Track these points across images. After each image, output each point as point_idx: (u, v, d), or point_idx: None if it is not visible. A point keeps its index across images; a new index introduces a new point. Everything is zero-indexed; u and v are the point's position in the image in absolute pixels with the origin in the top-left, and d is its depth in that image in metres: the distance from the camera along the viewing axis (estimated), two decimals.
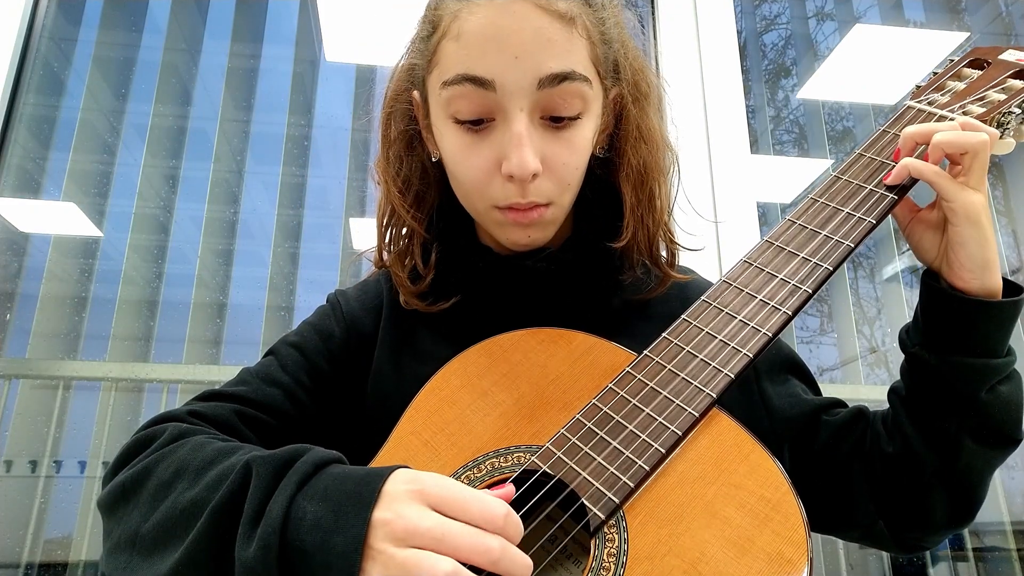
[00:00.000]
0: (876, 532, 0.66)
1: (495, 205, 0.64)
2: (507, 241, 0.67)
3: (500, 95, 0.59)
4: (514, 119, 0.59)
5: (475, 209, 0.67)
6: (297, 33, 1.98)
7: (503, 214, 0.64)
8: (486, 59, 0.58)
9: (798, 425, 0.69)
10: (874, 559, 1.76)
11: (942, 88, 0.69)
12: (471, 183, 0.64)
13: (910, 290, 1.98)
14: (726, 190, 1.61)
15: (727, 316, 0.57)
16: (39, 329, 1.64)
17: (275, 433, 0.63)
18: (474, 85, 0.59)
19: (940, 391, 0.60)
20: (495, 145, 0.61)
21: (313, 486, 0.45)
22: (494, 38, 0.58)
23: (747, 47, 2.12)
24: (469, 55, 0.59)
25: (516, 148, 0.59)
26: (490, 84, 0.59)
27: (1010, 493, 1.82)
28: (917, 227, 0.64)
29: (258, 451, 0.49)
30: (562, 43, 0.59)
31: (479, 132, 0.62)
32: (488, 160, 0.61)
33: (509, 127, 0.60)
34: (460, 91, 0.60)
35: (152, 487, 0.51)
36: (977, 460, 0.61)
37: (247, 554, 0.43)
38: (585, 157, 0.65)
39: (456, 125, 0.62)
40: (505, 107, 0.59)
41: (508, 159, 0.60)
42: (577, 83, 0.60)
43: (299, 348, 0.69)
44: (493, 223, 0.66)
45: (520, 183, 0.61)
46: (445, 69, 0.61)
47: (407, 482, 0.44)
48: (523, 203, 0.62)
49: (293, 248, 1.83)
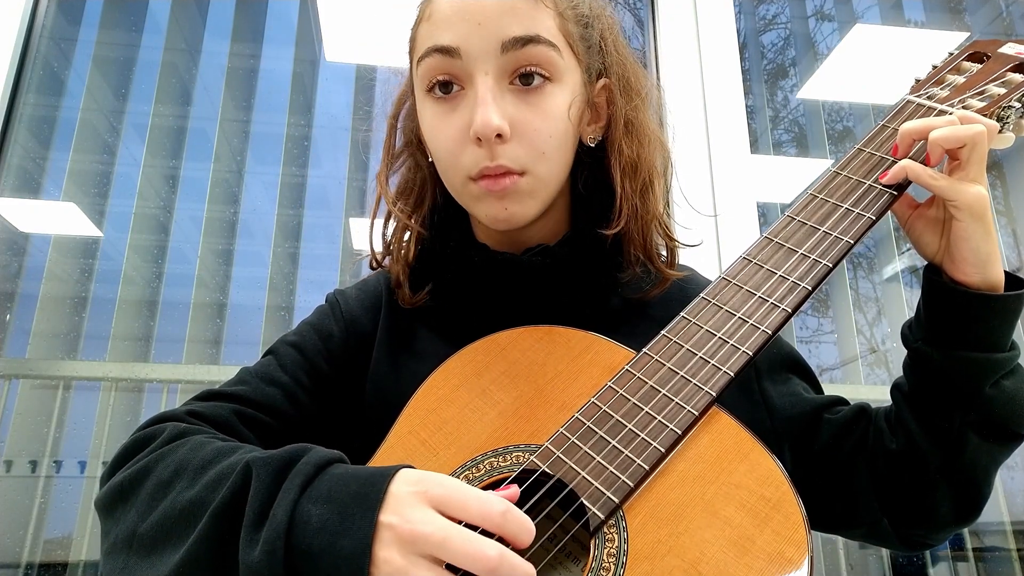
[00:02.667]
0: (880, 530, 0.66)
1: (468, 176, 0.64)
2: (487, 217, 0.66)
3: (465, 61, 0.62)
4: (479, 82, 0.62)
5: (454, 186, 0.67)
6: (297, 33, 1.98)
7: (477, 185, 0.64)
8: (451, 29, 0.62)
9: (800, 424, 0.69)
10: (874, 559, 1.76)
11: (941, 82, 0.69)
12: (446, 154, 0.65)
13: (910, 290, 1.98)
14: (726, 190, 1.61)
15: (726, 314, 0.57)
16: (39, 329, 1.64)
17: (274, 433, 0.63)
18: (441, 55, 0.62)
19: (944, 386, 0.60)
20: (464, 112, 0.63)
21: (317, 488, 0.45)
22: (459, 10, 0.62)
23: (747, 47, 2.12)
24: (436, 29, 0.63)
25: (480, 107, 0.61)
26: (455, 52, 0.62)
27: (1010, 493, 1.82)
28: (917, 223, 0.64)
29: (257, 451, 0.49)
30: (526, 11, 0.62)
31: (450, 101, 0.64)
32: (458, 129, 0.63)
33: (475, 90, 0.62)
34: (430, 63, 0.63)
35: (150, 487, 0.51)
36: (982, 456, 0.61)
37: (252, 558, 0.43)
38: (559, 127, 0.65)
39: (431, 100, 0.65)
40: (471, 72, 0.62)
41: (473, 121, 0.61)
42: (542, 47, 0.62)
43: (298, 348, 0.69)
44: (471, 199, 0.66)
45: (487, 145, 0.62)
46: (418, 48, 0.65)
47: (412, 483, 0.44)
48: (492, 166, 0.62)
49: (293, 248, 1.83)
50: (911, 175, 0.59)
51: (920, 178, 0.59)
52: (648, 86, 0.74)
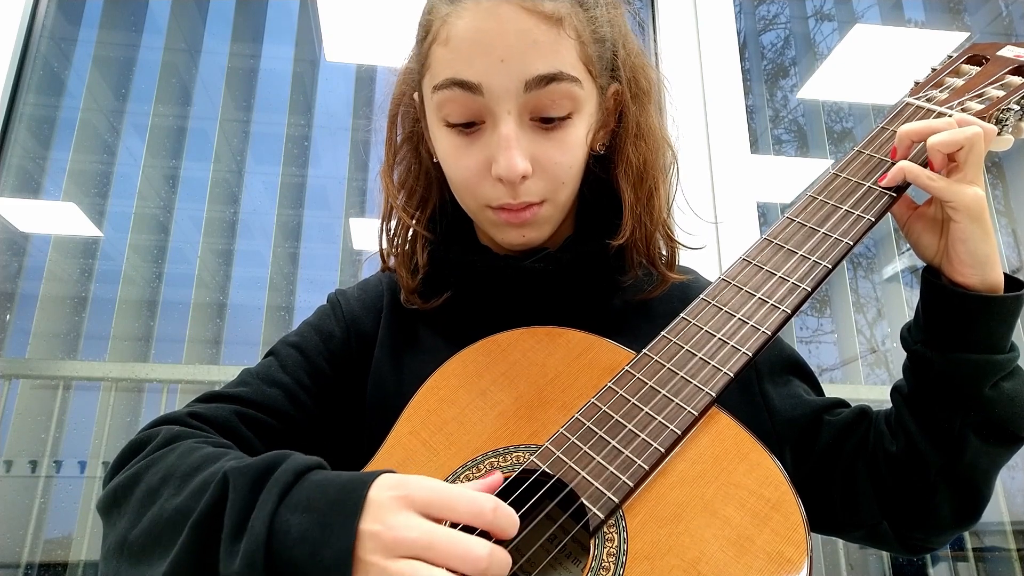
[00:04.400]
0: (881, 532, 0.65)
1: (488, 205, 0.64)
2: (503, 241, 0.67)
3: (488, 99, 0.59)
4: (502, 122, 0.60)
5: (470, 209, 0.68)
6: (297, 33, 1.98)
7: (496, 214, 0.64)
8: (473, 63, 0.59)
9: (800, 426, 0.69)
10: (874, 559, 1.76)
11: (940, 84, 0.69)
12: (463, 184, 0.65)
13: (910, 290, 1.98)
14: (726, 190, 1.61)
15: (726, 314, 0.57)
16: (39, 329, 1.64)
17: (276, 434, 0.63)
18: (462, 89, 0.60)
19: (943, 388, 0.60)
20: (485, 147, 0.62)
21: (295, 496, 0.44)
22: (480, 42, 0.58)
23: (747, 47, 2.12)
24: (456, 59, 0.60)
25: (504, 151, 0.60)
26: (477, 88, 0.59)
27: (1010, 493, 1.82)
28: (916, 224, 0.64)
29: (238, 460, 0.48)
30: (548, 44, 0.59)
31: (470, 135, 0.62)
32: (479, 162, 0.62)
33: (497, 130, 0.60)
34: (449, 95, 0.61)
35: (140, 493, 0.51)
36: (982, 458, 0.60)
37: (232, 570, 0.42)
38: (579, 155, 0.64)
39: (447, 128, 0.63)
40: (493, 110, 0.60)
41: (496, 162, 0.60)
42: (565, 84, 0.60)
43: (299, 348, 0.69)
44: (488, 223, 0.67)
45: (510, 185, 0.61)
46: (435, 74, 0.62)
47: (392, 488, 0.43)
48: (515, 204, 0.63)
49: (293, 248, 1.83)
50: (909, 177, 0.59)
51: (918, 179, 0.59)
52: (656, 81, 0.73)
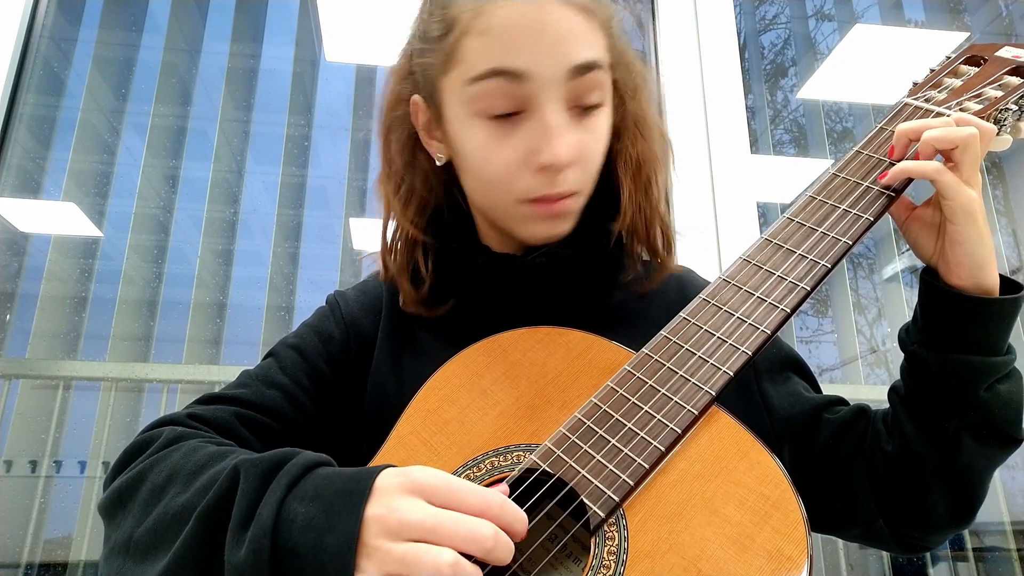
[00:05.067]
0: (877, 531, 0.66)
1: (523, 199, 0.63)
2: (531, 235, 0.66)
3: (533, 87, 0.59)
4: (548, 110, 0.60)
5: (498, 205, 0.66)
6: (297, 33, 1.98)
7: (530, 207, 0.64)
8: (518, 52, 0.59)
9: (799, 424, 0.69)
10: (874, 559, 1.76)
11: (939, 85, 0.69)
12: (498, 178, 0.63)
13: (910, 290, 1.98)
14: (726, 190, 1.61)
15: (725, 314, 0.57)
16: (39, 329, 1.65)
17: (276, 435, 0.63)
18: (506, 79, 0.59)
19: (940, 389, 0.60)
20: (525, 137, 0.61)
21: (303, 487, 0.45)
22: (525, 31, 0.59)
23: (747, 47, 2.12)
24: (499, 49, 0.59)
25: (554, 138, 0.60)
26: (523, 76, 0.59)
27: (1010, 493, 1.82)
28: (914, 224, 0.64)
29: (248, 455, 0.49)
30: (586, 34, 0.61)
31: (507, 126, 0.61)
32: (518, 152, 0.61)
33: (543, 118, 0.60)
34: (491, 85, 0.60)
35: (145, 492, 0.51)
36: (977, 459, 0.60)
37: (238, 557, 0.43)
38: (606, 144, 0.65)
39: (483, 120, 0.62)
40: (538, 98, 0.60)
41: (543, 150, 0.60)
42: (601, 72, 0.62)
43: (298, 350, 0.69)
44: (517, 218, 0.66)
45: (553, 174, 0.61)
46: (471, 66, 0.60)
47: (397, 476, 0.44)
48: (553, 194, 0.62)
49: (293, 248, 1.83)
50: (915, 172, 0.59)
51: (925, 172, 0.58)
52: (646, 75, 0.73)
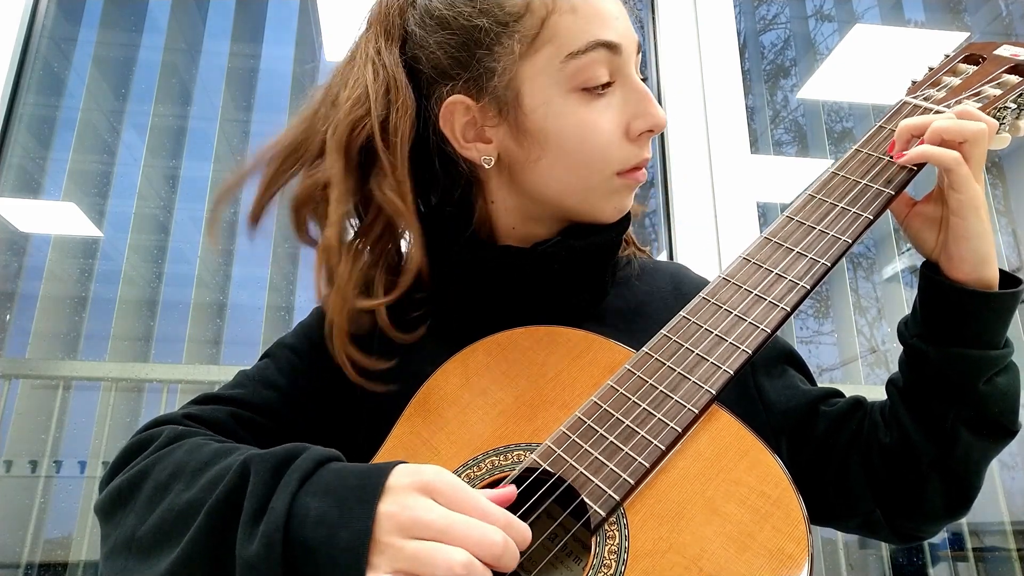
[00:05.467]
0: (873, 521, 0.66)
1: (620, 170, 0.65)
2: (614, 210, 0.68)
3: (623, 59, 0.63)
4: (635, 79, 0.64)
5: (588, 184, 0.65)
6: (297, 33, 1.98)
7: (624, 179, 0.65)
8: (609, 26, 0.62)
9: (796, 416, 0.69)
10: (874, 559, 1.76)
11: (938, 84, 0.69)
12: (602, 149, 0.64)
13: (910, 290, 1.98)
14: (726, 190, 1.61)
15: (725, 313, 0.57)
16: (39, 329, 1.65)
17: (272, 435, 0.63)
18: (607, 50, 0.62)
19: (938, 382, 0.60)
20: (618, 108, 0.64)
21: (315, 482, 0.45)
22: (606, 8, 0.63)
23: (747, 47, 2.12)
24: (593, 23, 0.62)
25: (652, 103, 0.64)
26: (617, 48, 0.62)
27: (1010, 493, 1.82)
28: (914, 220, 0.64)
29: (255, 451, 0.49)
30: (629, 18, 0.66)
31: (603, 97, 0.64)
32: (616, 124, 0.64)
33: (635, 87, 0.64)
34: (594, 57, 0.62)
35: (148, 490, 0.51)
36: (974, 451, 0.61)
37: (249, 552, 0.43)
38: None
39: (582, 95, 0.63)
40: (625, 69, 0.64)
41: (647, 114, 0.63)
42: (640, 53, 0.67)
43: (295, 350, 0.69)
44: (609, 192, 0.66)
45: (647, 139, 0.65)
46: (568, 42, 0.62)
47: (410, 475, 0.44)
48: (645, 160, 0.66)
49: (293, 248, 1.83)
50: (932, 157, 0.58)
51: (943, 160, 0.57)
52: None
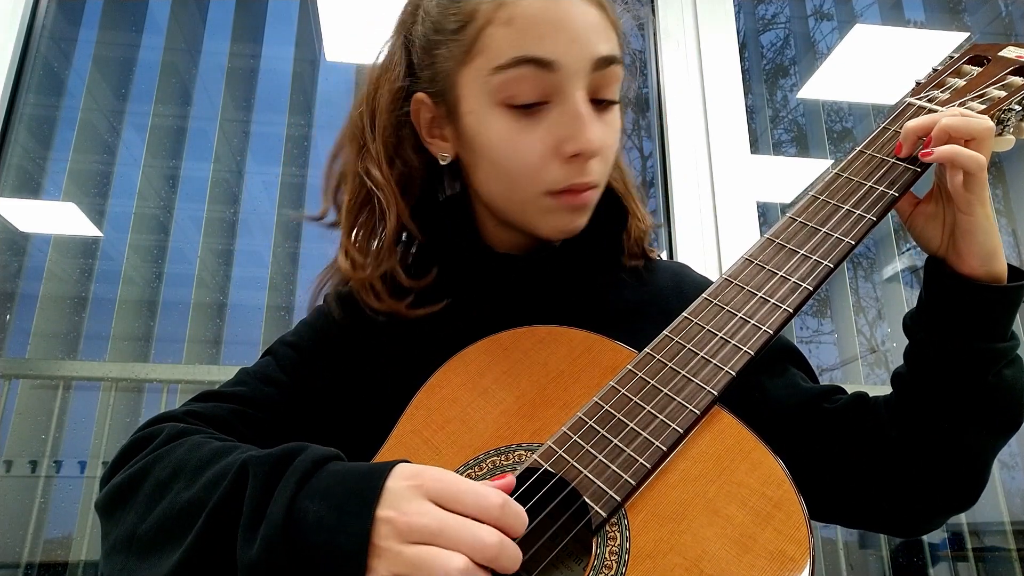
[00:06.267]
0: (879, 516, 0.66)
1: (549, 190, 0.63)
2: (551, 229, 0.66)
3: (560, 76, 0.60)
4: (575, 99, 0.60)
5: (520, 199, 0.65)
6: (297, 33, 1.98)
7: (555, 199, 0.63)
8: (545, 40, 0.59)
9: (799, 414, 0.69)
10: (874, 559, 1.76)
11: (942, 85, 0.69)
12: (525, 168, 0.63)
13: (910, 290, 1.98)
14: (726, 190, 1.61)
15: (728, 314, 0.57)
16: (39, 329, 1.64)
17: (274, 432, 0.63)
18: (535, 67, 0.59)
19: (946, 376, 0.61)
20: (551, 127, 0.61)
21: (313, 485, 0.45)
22: (551, 20, 0.59)
23: (747, 47, 2.12)
24: (525, 37, 0.60)
25: (584, 126, 0.60)
26: (551, 65, 0.59)
27: (1010, 493, 1.82)
28: (918, 219, 0.64)
29: (255, 450, 0.49)
30: (605, 29, 0.62)
31: (532, 116, 0.61)
32: (544, 143, 0.61)
33: (569, 107, 0.60)
34: (518, 74, 0.60)
35: (149, 488, 0.51)
36: (981, 444, 0.61)
37: (250, 555, 0.43)
38: (621, 143, 0.67)
39: (507, 110, 0.62)
40: (564, 88, 0.60)
41: (575, 138, 0.60)
42: (618, 67, 0.63)
43: (297, 348, 0.69)
44: (540, 211, 0.65)
45: (582, 163, 0.62)
46: (496, 54, 0.60)
47: (408, 477, 0.44)
48: (579, 184, 0.63)
49: (293, 248, 1.83)
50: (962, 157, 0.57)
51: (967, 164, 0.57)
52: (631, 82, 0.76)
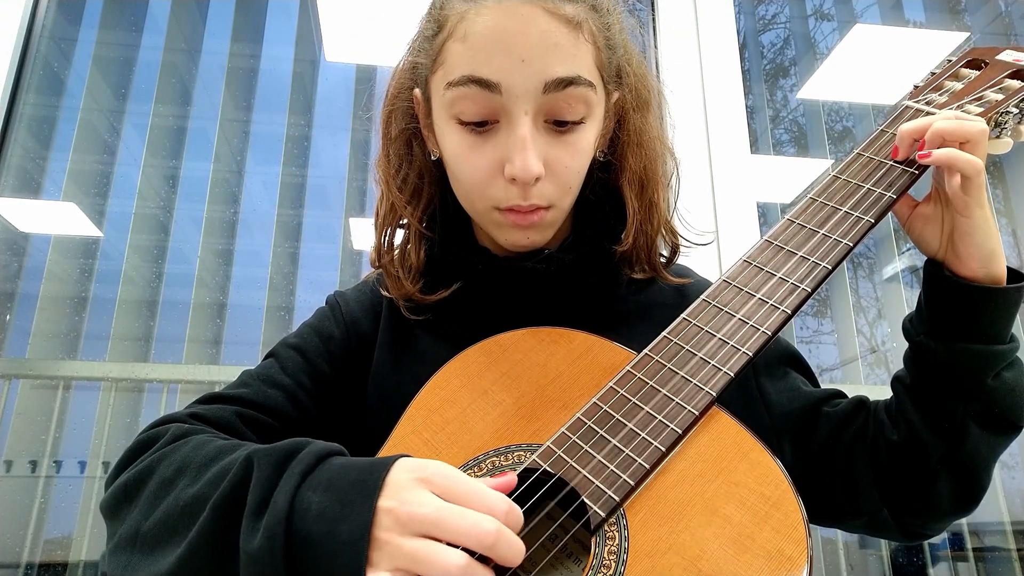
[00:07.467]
0: (880, 520, 0.66)
1: (495, 206, 0.64)
2: (506, 242, 0.67)
3: (505, 98, 0.59)
4: (518, 123, 0.59)
5: (475, 209, 0.67)
6: (297, 33, 1.98)
7: (503, 215, 0.64)
8: (492, 61, 0.58)
9: (799, 418, 0.69)
10: (874, 559, 1.76)
11: (940, 88, 0.69)
12: (472, 184, 0.64)
13: (910, 290, 1.98)
14: (726, 190, 1.61)
15: (726, 315, 0.57)
16: (39, 329, 1.64)
17: (276, 435, 0.63)
18: (479, 87, 0.59)
19: (946, 378, 0.61)
20: (498, 147, 0.61)
21: (317, 476, 0.45)
22: (501, 41, 0.58)
23: (747, 47, 2.12)
24: (475, 57, 0.59)
25: (520, 152, 0.59)
26: (496, 87, 0.58)
27: (1010, 493, 1.82)
28: (917, 221, 0.64)
29: (259, 446, 0.49)
30: (568, 47, 0.59)
31: (482, 133, 0.61)
32: (490, 161, 0.61)
33: (513, 130, 0.59)
34: (465, 92, 0.59)
35: (154, 485, 0.51)
36: (983, 446, 0.62)
37: (252, 545, 0.43)
38: (587, 161, 0.65)
39: (459, 125, 0.62)
40: (510, 110, 0.59)
41: (511, 162, 0.60)
42: (582, 88, 0.60)
43: (299, 350, 0.69)
44: (492, 224, 0.66)
45: (522, 186, 0.61)
46: (450, 70, 0.61)
47: (411, 470, 0.44)
48: (524, 206, 0.62)
49: (293, 248, 1.83)
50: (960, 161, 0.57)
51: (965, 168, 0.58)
52: (656, 90, 0.73)
